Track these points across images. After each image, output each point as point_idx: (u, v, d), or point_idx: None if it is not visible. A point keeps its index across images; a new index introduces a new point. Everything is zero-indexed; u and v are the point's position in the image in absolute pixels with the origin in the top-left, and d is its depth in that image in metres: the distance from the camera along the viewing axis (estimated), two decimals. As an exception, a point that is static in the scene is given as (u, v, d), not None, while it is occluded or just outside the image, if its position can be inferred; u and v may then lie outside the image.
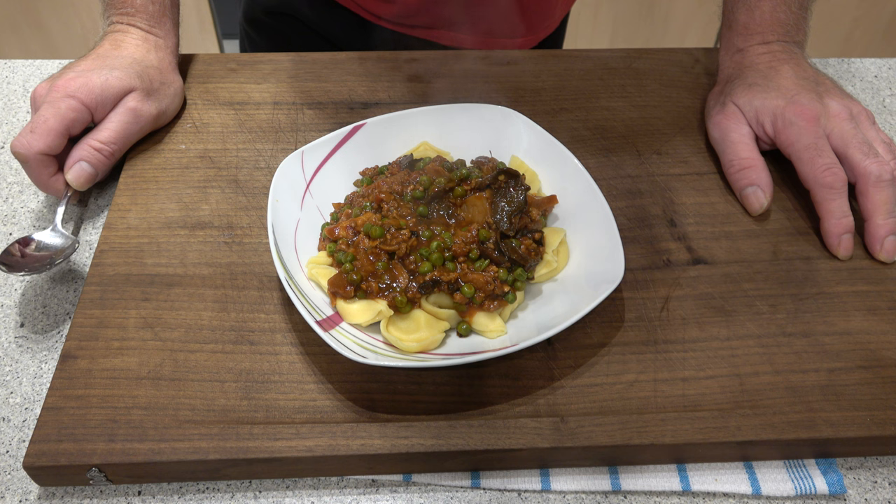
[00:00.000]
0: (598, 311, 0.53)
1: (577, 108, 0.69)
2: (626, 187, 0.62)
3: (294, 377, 0.49)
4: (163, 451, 0.45)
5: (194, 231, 0.57)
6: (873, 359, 0.51)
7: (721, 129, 0.63)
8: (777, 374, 0.50)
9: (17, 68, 0.76)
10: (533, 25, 0.85)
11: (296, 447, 0.45)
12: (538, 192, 0.59)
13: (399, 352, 0.49)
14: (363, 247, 0.51)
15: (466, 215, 0.54)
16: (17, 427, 0.49)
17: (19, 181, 0.64)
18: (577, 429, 0.46)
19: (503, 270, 0.51)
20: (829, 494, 0.47)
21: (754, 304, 0.54)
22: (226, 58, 0.73)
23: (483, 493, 0.47)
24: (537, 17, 0.85)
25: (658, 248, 0.57)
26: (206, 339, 0.50)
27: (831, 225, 0.57)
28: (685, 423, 0.47)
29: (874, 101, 0.76)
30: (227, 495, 0.47)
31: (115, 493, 0.47)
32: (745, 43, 0.66)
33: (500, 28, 0.83)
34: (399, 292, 0.50)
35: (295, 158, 0.57)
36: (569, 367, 0.50)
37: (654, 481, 0.47)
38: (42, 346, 0.53)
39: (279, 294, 0.53)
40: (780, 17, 0.66)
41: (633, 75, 0.72)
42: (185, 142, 0.64)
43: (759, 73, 0.64)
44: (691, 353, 0.51)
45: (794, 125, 0.59)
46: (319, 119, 0.66)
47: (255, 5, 0.87)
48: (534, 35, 0.86)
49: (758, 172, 0.60)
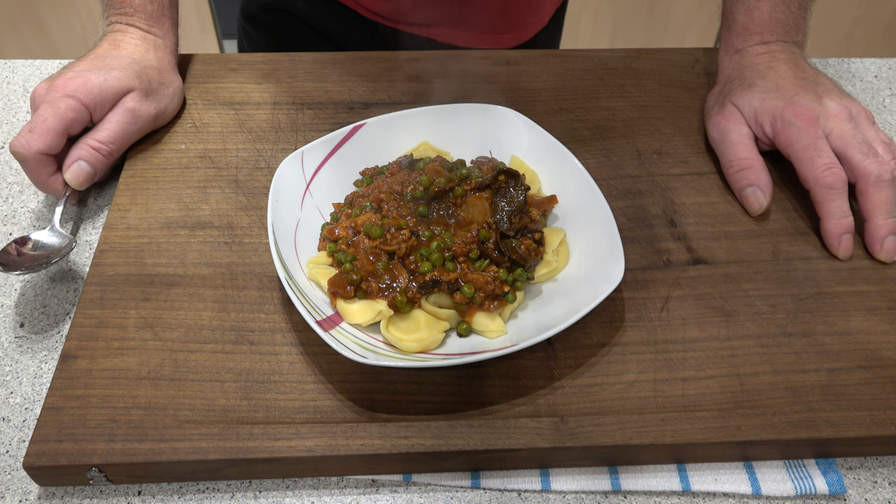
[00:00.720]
0: (598, 311, 0.53)
1: (577, 108, 0.69)
2: (626, 187, 0.62)
3: (294, 377, 0.49)
4: (163, 451, 0.45)
5: (194, 231, 0.57)
6: (873, 359, 0.51)
7: (720, 129, 0.63)
8: (777, 374, 0.50)
9: (17, 68, 0.76)
10: (522, 20, 0.85)
11: (296, 447, 0.45)
12: (538, 192, 0.59)
13: (399, 352, 0.49)
14: (363, 247, 0.51)
15: (466, 215, 0.54)
16: (17, 427, 0.49)
17: (19, 181, 0.64)
18: (577, 429, 0.46)
19: (503, 270, 0.51)
20: (829, 494, 0.47)
21: (754, 304, 0.54)
22: (226, 58, 0.73)
23: (483, 493, 0.47)
24: (527, 12, 0.85)
25: (658, 248, 0.57)
26: (206, 339, 0.50)
27: (831, 225, 0.57)
28: (685, 423, 0.47)
29: (874, 101, 0.76)
30: (227, 495, 0.47)
31: (115, 493, 0.47)
32: (744, 43, 0.66)
33: (492, 24, 0.83)
34: (399, 292, 0.50)
35: (295, 158, 0.57)
36: (569, 367, 0.50)
37: (654, 481, 0.47)
38: (42, 346, 0.53)
39: (279, 294, 0.53)
40: (779, 17, 0.66)
41: (633, 75, 0.72)
42: (185, 142, 0.64)
43: (757, 73, 0.64)
44: (691, 353, 0.51)
45: (794, 125, 0.59)
46: (319, 119, 0.66)
47: (253, 2, 0.87)
48: (521, 31, 0.87)
49: (757, 173, 0.60)
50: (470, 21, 0.82)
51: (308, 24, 0.85)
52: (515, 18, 0.85)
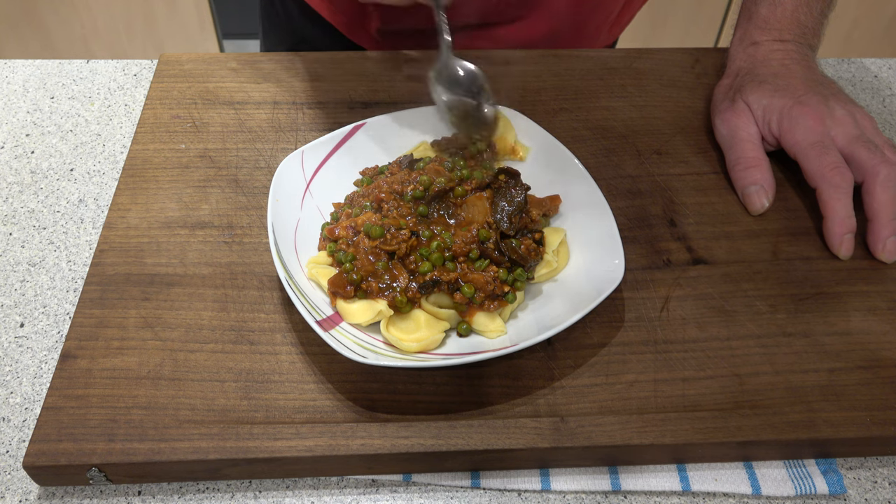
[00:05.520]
0: (598, 311, 0.53)
1: (577, 108, 0.69)
2: (626, 187, 0.62)
3: (294, 377, 0.49)
4: (163, 450, 0.45)
5: (194, 231, 0.57)
6: (873, 359, 0.51)
7: (730, 126, 0.63)
8: (777, 374, 0.50)
9: (17, 68, 0.76)
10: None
11: (296, 447, 0.45)
12: (514, 141, 0.60)
13: (399, 352, 0.49)
14: (363, 247, 0.51)
15: (466, 215, 0.54)
16: (17, 427, 0.49)
17: (19, 181, 0.64)
18: (577, 429, 0.46)
19: (503, 270, 0.51)
20: (829, 494, 0.47)
21: (754, 304, 0.54)
22: (226, 58, 0.73)
23: (483, 493, 0.47)
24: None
25: (658, 248, 0.57)
26: (206, 338, 0.50)
27: (835, 224, 0.57)
28: (685, 423, 0.47)
29: (874, 101, 0.76)
30: (227, 495, 0.47)
31: (115, 493, 0.47)
32: (762, 37, 0.67)
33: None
34: (399, 292, 0.50)
35: (295, 158, 0.57)
36: (569, 367, 0.50)
37: (654, 481, 0.47)
38: (42, 346, 0.53)
39: (279, 294, 0.53)
40: (800, 17, 0.66)
41: (633, 75, 0.72)
42: (185, 141, 0.64)
43: (770, 69, 0.64)
44: (691, 353, 0.51)
45: (800, 124, 0.60)
46: (319, 119, 0.66)
47: (272, 44, 0.89)
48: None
49: (762, 172, 0.60)
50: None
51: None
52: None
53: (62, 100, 0.72)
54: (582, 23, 0.79)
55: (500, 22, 0.77)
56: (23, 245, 0.59)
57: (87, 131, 0.69)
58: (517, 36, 0.77)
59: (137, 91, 0.73)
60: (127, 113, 0.71)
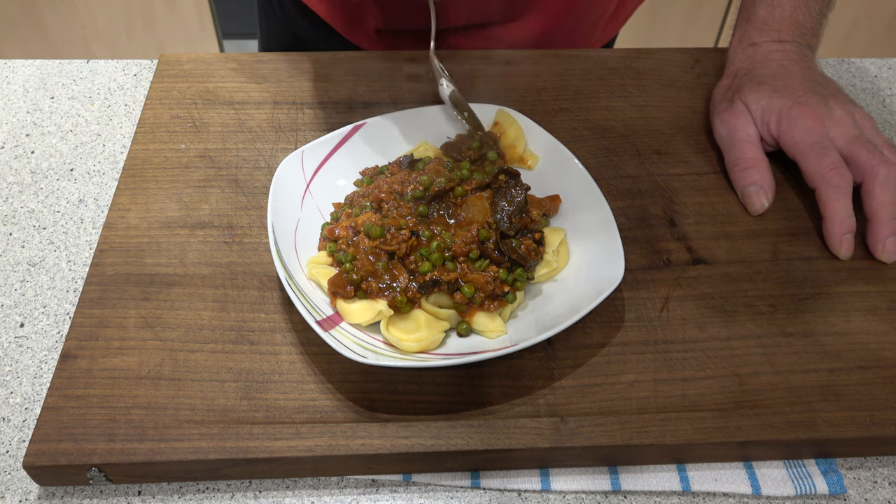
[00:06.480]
0: (598, 311, 0.53)
1: (577, 108, 0.69)
2: (626, 187, 0.62)
3: (294, 377, 0.49)
4: (163, 450, 0.45)
5: (194, 231, 0.57)
6: (873, 359, 0.51)
7: (729, 127, 0.63)
8: (777, 374, 0.50)
9: (17, 68, 0.76)
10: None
11: (296, 447, 0.45)
12: (523, 151, 0.60)
13: (399, 352, 0.49)
14: (363, 247, 0.51)
15: (466, 215, 0.54)
16: (17, 427, 0.49)
17: (19, 181, 0.64)
18: (577, 429, 0.46)
19: (503, 270, 0.51)
20: (829, 494, 0.47)
21: (754, 304, 0.54)
22: (226, 58, 0.73)
23: (483, 493, 0.47)
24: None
25: (658, 248, 0.57)
26: (206, 338, 0.50)
27: (834, 224, 0.57)
28: (685, 423, 0.47)
29: (874, 101, 0.76)
30: (227, 495, 0.47)
31: (115, 493, 0.47)
32: (761, 38, 0.67)
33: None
34: (399, 292, 0.50)
35: (295, 158, 0.57)
36: (569, 367, 0.50)
37: (654, 481, 0.47)
38: (42, 346, 0.53)
39: (279, 294, 0.53)
40: (798, 18, 0.66)
41: (633, 75, 0.72)
42: (185, 141, 0.64)
43: (769, 70, 0.64)
44: (691, 353, 0.51)
45: (799, 125, 0.60)
46: (319, 119, 0.66)
47: (269, 44, 0.89)
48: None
49: (762, 172, 0.60)
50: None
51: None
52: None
53: (62, 100, 0.72)
54: (576, 22, 0.79)
55: (493, 22, 0.77)
56: (23, 245, 0.59)
57: (87, 131, 0.69)
58: (511, 35, 0.77)
59: (137, 91, 0.73)
60: (127, 113, 0.71)
